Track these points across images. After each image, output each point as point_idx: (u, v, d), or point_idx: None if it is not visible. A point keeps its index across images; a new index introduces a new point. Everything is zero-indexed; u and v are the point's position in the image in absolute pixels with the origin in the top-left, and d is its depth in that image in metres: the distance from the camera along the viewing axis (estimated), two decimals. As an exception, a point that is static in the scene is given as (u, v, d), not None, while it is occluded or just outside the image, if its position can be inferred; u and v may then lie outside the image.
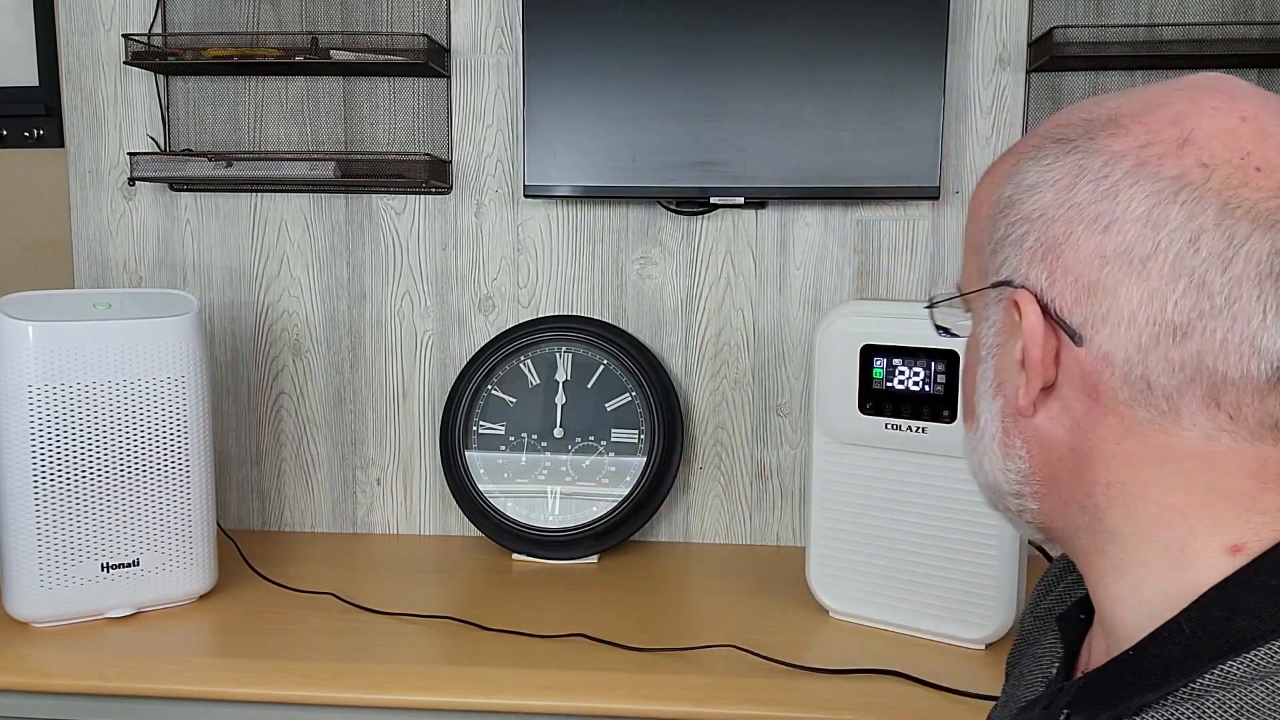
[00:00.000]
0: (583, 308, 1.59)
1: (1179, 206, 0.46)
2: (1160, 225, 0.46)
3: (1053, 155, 0.51)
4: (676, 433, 1.54)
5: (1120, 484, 0.50)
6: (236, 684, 1.11)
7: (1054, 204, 0.50)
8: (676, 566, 1.51)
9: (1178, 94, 0.49)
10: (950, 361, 1.18)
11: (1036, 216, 0.51)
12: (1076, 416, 0.50)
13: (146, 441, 1.27)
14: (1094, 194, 0.48)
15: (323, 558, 1.53)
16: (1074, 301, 0.49)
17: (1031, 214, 0.51)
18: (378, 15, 1.55)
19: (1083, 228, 0.48)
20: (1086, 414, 0.50)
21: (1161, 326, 0.46)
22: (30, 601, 1.23)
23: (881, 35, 1.41)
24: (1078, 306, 0.49)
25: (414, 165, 1.50)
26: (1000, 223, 0.53)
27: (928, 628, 1.23)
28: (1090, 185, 0.49)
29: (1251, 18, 1.43)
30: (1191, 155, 0.46)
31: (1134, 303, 0.47)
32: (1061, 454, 0.52)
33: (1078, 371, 0.50)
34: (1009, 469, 0.54)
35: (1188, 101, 0.48)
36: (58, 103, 1.60)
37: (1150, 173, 0.47)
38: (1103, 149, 0.49)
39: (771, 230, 1.55)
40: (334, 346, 1.63)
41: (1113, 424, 0.49)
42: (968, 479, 1.16)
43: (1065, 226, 0.49)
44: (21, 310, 1.21)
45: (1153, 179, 0.47)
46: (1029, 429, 0.53)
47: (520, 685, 1.10)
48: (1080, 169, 0.49)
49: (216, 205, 1.61)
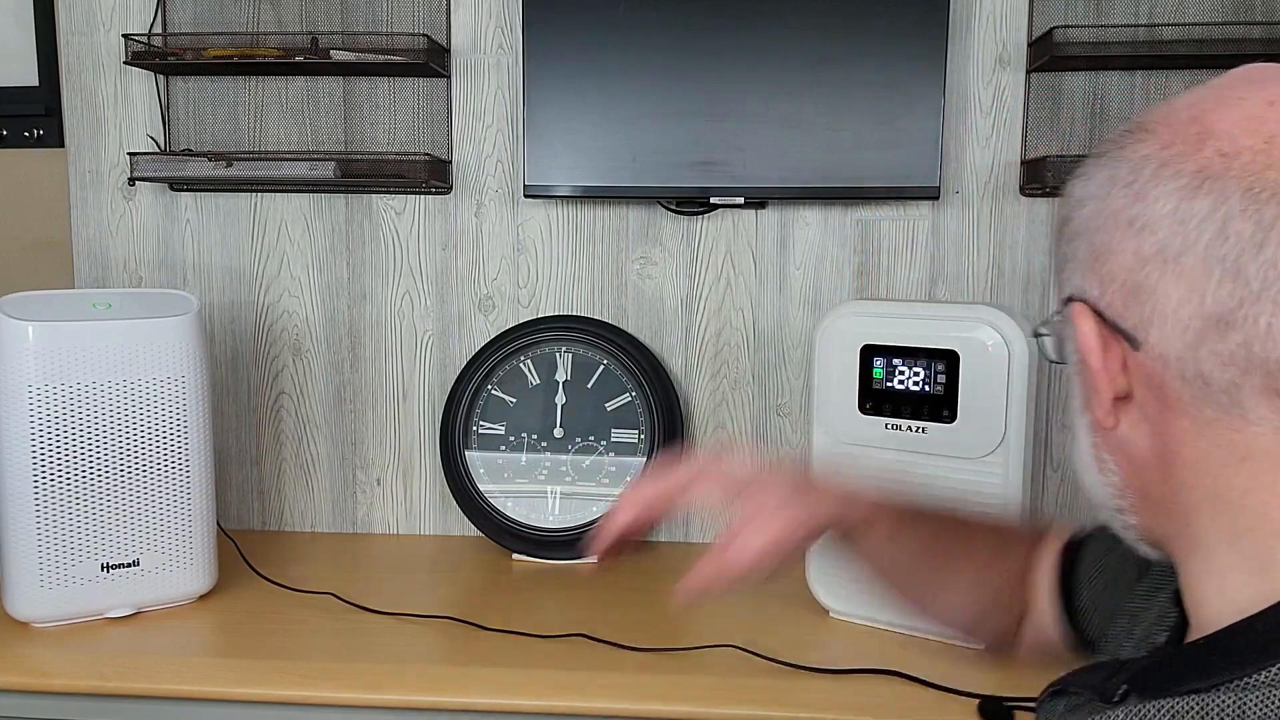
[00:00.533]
0: (583, 308, 1.59)
1: (1203, 197, 0.46)
2: (1187, 219, 0.47)
3: (1092, 169, 0.53)
4: (676, 433, 1.54)
5: (1202, 487, 0.49)
6: (236, 684, 1.11)
7: (1094, 214, 0.51)
8: (676, 566, 1.51)
9: (1206, 91, 0.50)
10: (950, 361, 1.18)
11: (1083, 230, 0.52)
12: (1154, 422, 0.51)
13: (146, 441, 1.27)
14: (1125, 199, 0.49)
15: (323, 558, 1.53)
16: (1123, 306, 0.49)
17: (1080, 228, 0.53)
18: (378, 15, 1.55)
19: (1120, 233, 0.49)
20: (1161, 418, 0.50)
21: (1205, 320, 0.46)
22: (30, 601, 1.23)
23: (881, 35, 1.41)
24: (1127, 311, 0.49)
25: (414, 165, 1.50)
26: (1060, 243, 0.55)
27: (928, 628, 1.22)
28: (1121, 191, 0.50)
29: (1251, 18, 1.43)
30: (1211, 147, 0.47)
31: (1174, 299, 0.47)
32: (1147, 462, 0.52)
33: (1144, 376, 0.50)
34: (1104, 483, 0.55)
35: (1213, 97, 0.49)
36: (58, 103, 1.60)
37: (1173, 171, 0.48)
38: (1130, 155, 0.50)
39: (771, 230, 1.55)
40: (334, 346, 1.63)
41: (1186, 426, 0.49)
42: (968, 479, 1.17)
43: (1106, 235, 0.50)
44: (21, 310, 1.21)
45: (1176, 176, 0.47)
46: (1114, 441, 0.53)
47: (520, 685, 1.10)
48: (1112, 178, 0.51)
49: (216, 205, 1.61)
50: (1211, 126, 0.47)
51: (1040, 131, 1.49)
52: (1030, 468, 1.18)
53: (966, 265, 1.53)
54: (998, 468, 1.15)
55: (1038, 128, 1.49)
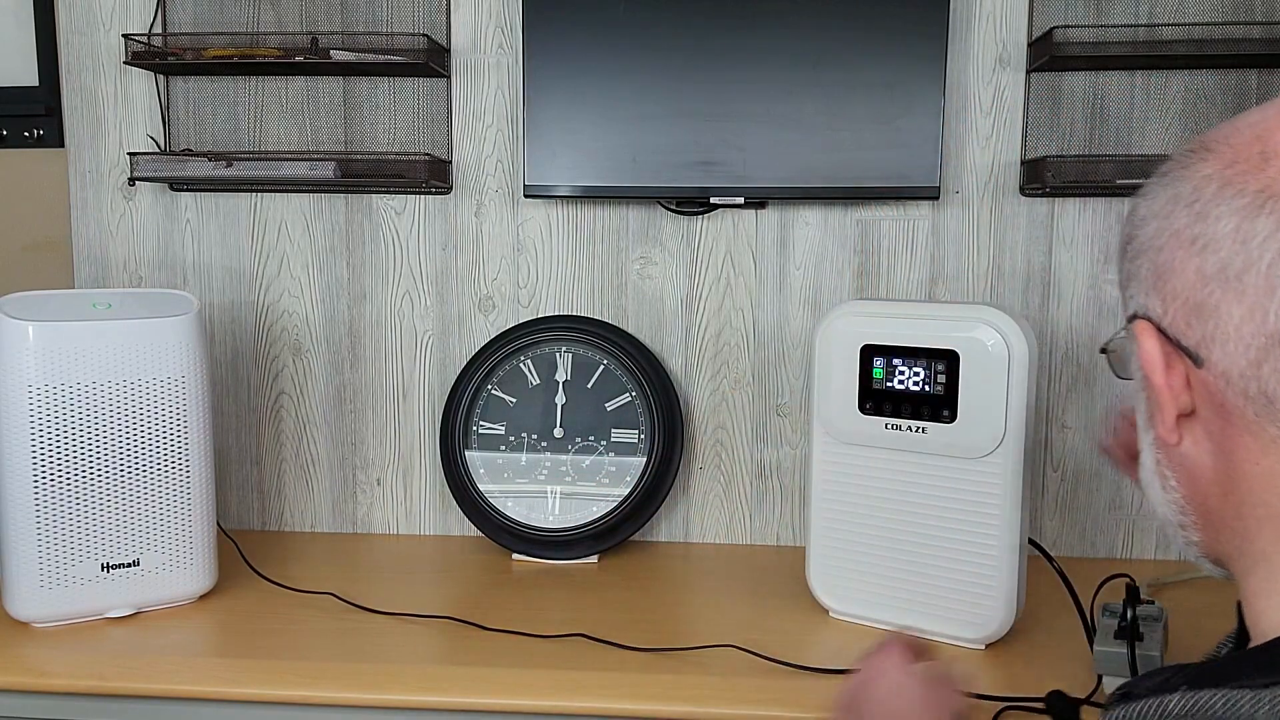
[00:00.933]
0: (583, 308, 1.59)
1: (1265, 217, 0.47)
2: (1249, 238, 0.47)
3: (1156, 188, 0.54)
4: (676, 433, 1.54)
5: (1265, 504, 0.50)
6: (236, 684, 1.11)
7: (1157, 233, 0.52)
8: (676, 566, 1.51)
9: (1269, 110, 0.50)
10: (950, 362, 1.18)
11: (1146, 248, 0.53)
12: (1217, 440, 0.51)
13: (146, 441, 1.27)
14: (1188, 218, 0.50)
15: (323, 558, 1.53)
16: (1185, 324, 0.50)
17: (1143, 247, 0.53)
18: (378, 15, 1.55)
19: (1182, 251, 0.50)
20: (1224, 436, 0.51)
21: (1267, 338, 0.47)
22: (30, 601, 1.23)
23: (881, 35, 1.41)
24: (1189, 329, 0.50)
25: (414, 165, 1.50)
26: (1124, 261, 0.56)
27: (928, 628, 1.22)
28: (1184, 210, 0.50)
29: (1251, 18, 1.43)
30: (1274, 167, 0.47)
31: (1237, 318, 0.48)
32: (1209, 479, 0.52)
33: (1206, 394, 0.50)
34: (1167, 500, 0.56)
35: (1275, 117, 0.49)
36: (58, 103, 1.60)
37: (1235, 190, 0.48)
38: (1193, 175, 0.51)
39: (771, 230, 1.55)
40: (334, 346, 1.63)
41: (1249, 443, 0.49)
42: (968, 479, 1.17)
43: (1169, 253, 0.51)
44: (21, 310, 1.21)
45: (1238, 195, 0.48)
46: (1177, 458, 0.54)
47: (520, 685, 1.10)
48: (1175, 197, 0.51)
49: (216, 205, 1.61)
50: (1274, 147, 0.48)
51: (1040, 131, 1.49)
52: (1030, 468, 1.18)
53: (966, 265, 1.53)
54: (998, 468, 1.15)
55: (1038, 128, 1.49)
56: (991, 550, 1.17)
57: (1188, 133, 1.47)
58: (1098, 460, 1.54)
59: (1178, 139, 1.48)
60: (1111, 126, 1.48)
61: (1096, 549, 1.55)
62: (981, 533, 1.17)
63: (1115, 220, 1.50)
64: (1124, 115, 1.48)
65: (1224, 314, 0.48)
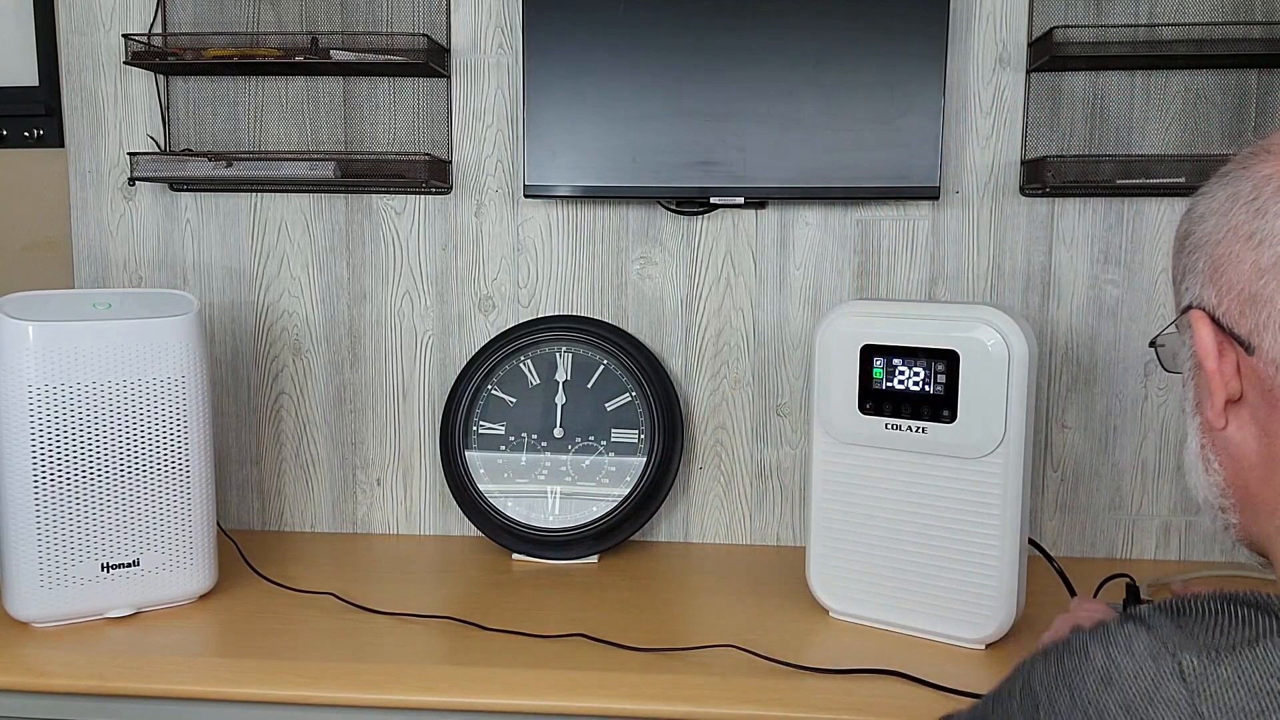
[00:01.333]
0: (583, 308, 1.59)
1: None
2: None
3: (1215, 187, 0.57)
4: (676, 433, 1.54)
5: None
6: (236, 684, 1.11)
7: (1215, 228, 0.55)
8: (676, 566, 1.51)
9: None
10: (950, 362, 1.18)
11: (1204, 243, 0.56)
12: (1263, 424, 0.54)
13: (146, 441, 1.27)
14: (1247, 214, 0.53)
15: (323, 558, 1.53)
16: (1239, 314, 0.53)
17: (1200, 241, 0.56)
18: (378, 15, 1.55)
19: (1240, 245, 0.53)
20: (1270, 420, 0.53)
21: None
22: (30, 601, 1.23)
23: (881, 35, 1.41)
24: (1242, 318, 0.53)
25: (414, 165, 1.50)
26: (1180, 256, 0.59)
27: (928, 628, 1.23)
28: (1243, 207, 0.54)
29: (1251, 18, 1.43)
30: None
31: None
32: (1252, 463, 0.55)
33: (1255, 380, 0.53)
34: (1209, 483, 0.58)
35: None
36: (58, 103, 1.60)
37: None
38: (1253, 174, 0.54)
39: (771, 230, 1.55)
40: (334, 346, 1.63)
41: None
42: (968, 479, 1.17)
43: (1226, 247, 0.54)
44: (21, 310, 1.21)
45: None
46: (1221, 442, 0.57)
47: (520, 685, 1.10)
48: (1234, 195, 0.55)
49: (216, 205, 1.61)
50: None
51: (1040, 131, 1.49)
52: (1030, 468, 1.18)
53: (966, 265, 1.53)
54: (998, 468, 1.15)
55: (1037, 128, 1.49)
56: (991, 550, 1.17)
57: (1188, 133, 1.47)
58: (1098, 460, 1.54)
59: (1178, 139, 1.48)
60: (1111, 126, 1.48)
61: (1096, 549, 1.55)
62: (981, 533, 1.17)
63: (1115, 220, 1.50)
64: (1124, 115, 1.48)
65: (1277, 304, 0.51)
